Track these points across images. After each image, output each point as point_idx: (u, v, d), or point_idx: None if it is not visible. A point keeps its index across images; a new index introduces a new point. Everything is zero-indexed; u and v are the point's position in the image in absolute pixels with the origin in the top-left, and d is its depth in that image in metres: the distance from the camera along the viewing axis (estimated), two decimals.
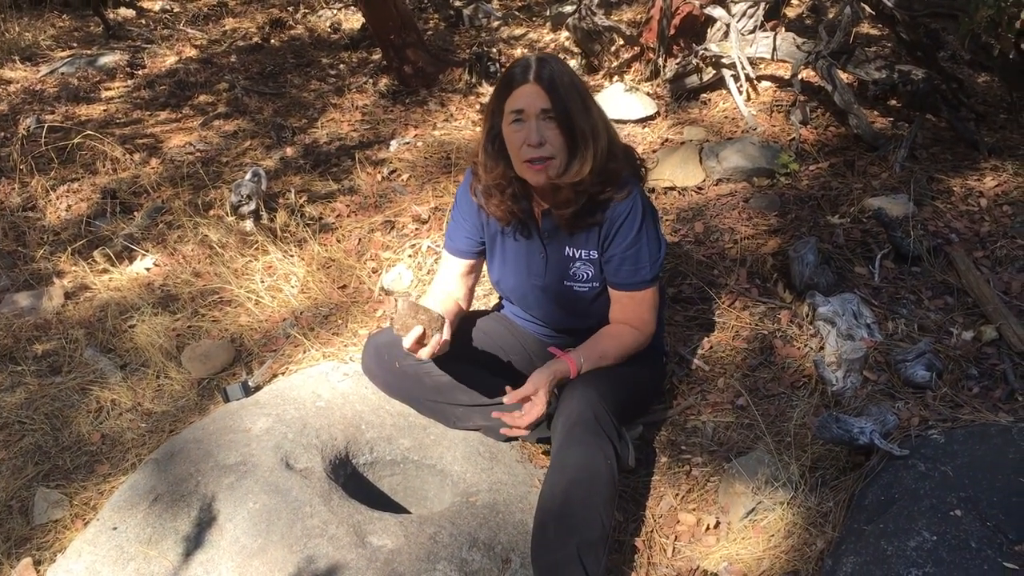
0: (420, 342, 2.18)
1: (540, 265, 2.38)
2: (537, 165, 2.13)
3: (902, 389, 2.47)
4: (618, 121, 4.49)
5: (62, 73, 5.93)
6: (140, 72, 5.99)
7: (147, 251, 3.74)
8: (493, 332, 2.59)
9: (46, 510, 2.52)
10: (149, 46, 6.44)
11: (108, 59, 6.09)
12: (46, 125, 4.80)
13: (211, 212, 3.95)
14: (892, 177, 3.55)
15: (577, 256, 2.33)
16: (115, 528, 2.18)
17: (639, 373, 2.45)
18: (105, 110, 5.36)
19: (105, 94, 5.65)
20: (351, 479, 2.39)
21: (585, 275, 2.34)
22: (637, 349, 2.37)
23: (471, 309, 2.64)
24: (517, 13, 6.55)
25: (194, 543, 2.10)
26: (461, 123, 4.81)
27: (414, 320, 2.15)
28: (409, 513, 2.36)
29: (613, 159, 2.21)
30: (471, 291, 2.58)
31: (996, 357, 2.58)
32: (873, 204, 3.31)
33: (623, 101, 4.54)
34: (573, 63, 5.38)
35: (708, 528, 2.32)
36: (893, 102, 4.13)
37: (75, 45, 6.64)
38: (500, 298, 2.70)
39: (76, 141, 4.52)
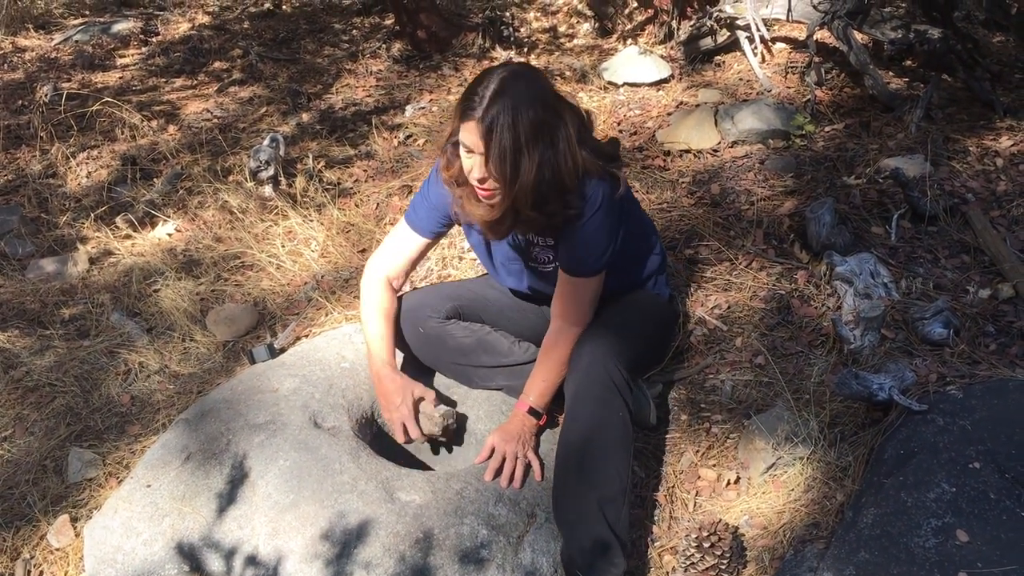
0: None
1: (516, 249, 2.41)
2: (482, 191, 2.13)
3: (920, 346, 2.50)
4: (632, 85, 4.49)
5: (76, 41, 5.93)
6: (154, 39, 5.99)
7: (168, 217, 3.78)
8: (506, 292, 2.62)
9: (80, 469, 2.58)
10: (161, 13, 6.43)
11: (121, 26, 6.09)
12: (64, 93, 4.82)
13: (230, 178, 3.99)
14: (908, 137, 3.56)
15: (536, 242, 2.34)
16: (149, 485, 2.23)
17: (645, 323, 2.47)
18: (121, 77, 5.38)
19: (120, 61, 5.66)
20: (377, 438, 2.44)
21: (546, 258, 2.36)
22: (571, 349, 2.30)
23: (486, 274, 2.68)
24: None
25: (227, 499, 2.15)
26: None
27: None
28: (434, 470, 2.41)
29: (550, 198, 2.13)
30: (411, 267, 2.53)
31: (1013, 314, 2.60)
32: (889, 164, 3.32)
33: (637, 64, 4.54)
34: (586, 26, 5.36)
35: (728, 483, 2.37)
36: (909, 62, 4.13)
37: (87, 13, 6.63)
38: None
39: (94, 108, 4.54)
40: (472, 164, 2.09)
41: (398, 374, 2.38)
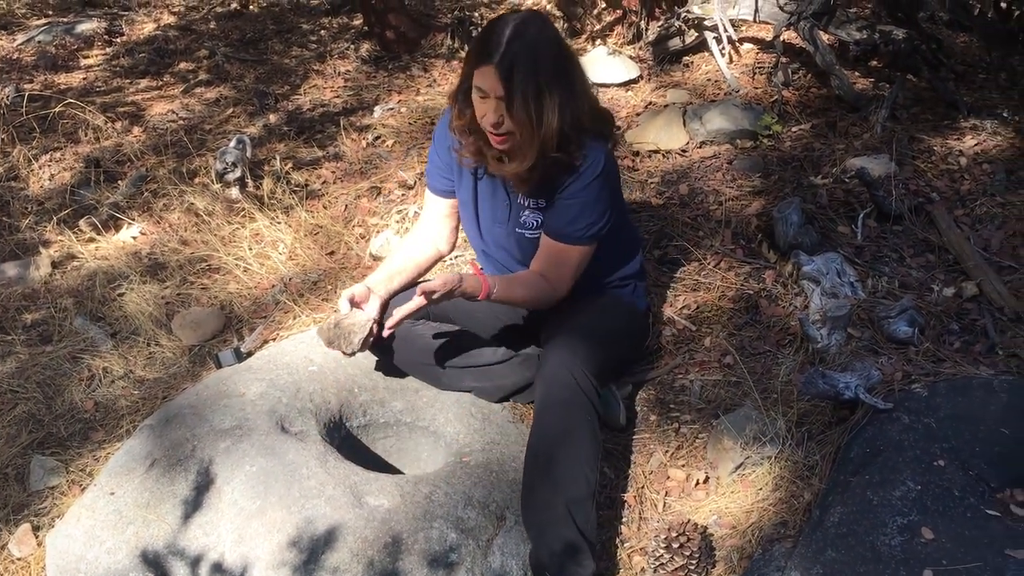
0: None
1: (504, 212, 2.41)
2: (496, 137, 2.17)
3: (885, 345, 2.52)
4: (601, 85, 4.49)
5: (39, 41, 5.85)
6: (119, 39, 5.91)
7: (133, 219, 3.74)
8: None
9: (42, 477, 2.54)
10: (126, 13, 6.35)
11: (85, 26, 6.00)
12: (26, 94, 4.75)
13: (196, 180, 3.94)
14: (873, 137, 3.59)
15: (527, 205, 2.36)
16: (112, 493, 2.20)
17: (617, 331, 2.48)
18: (85, 78, 5.31)
19: (84, 62, 5.58)
20: (345, 442, 2.42)
21: (533, 223, 2.37)
22: (545, 304, 2.38)
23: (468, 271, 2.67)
24: None
25: (192, 506, 2.12)
26: (444, 88, 4.79)
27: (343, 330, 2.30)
28: (403, 474, 2.40)
29: (572, 138, 2.20)
30: (453, 232, 2.62)
31: (976, 312, 2.63)
32: (855, 164, 3.34)
33: (606, 65, 4.53)
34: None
35: (697, 483, 2.38)
36: (874, 63, 4.15)
37: (51, 13, 6.54)
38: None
39: (57, 110, 4.48)
40: (487, 108, 2.13)
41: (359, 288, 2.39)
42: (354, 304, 2.33)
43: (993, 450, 2.00)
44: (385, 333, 2.33)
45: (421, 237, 2.60)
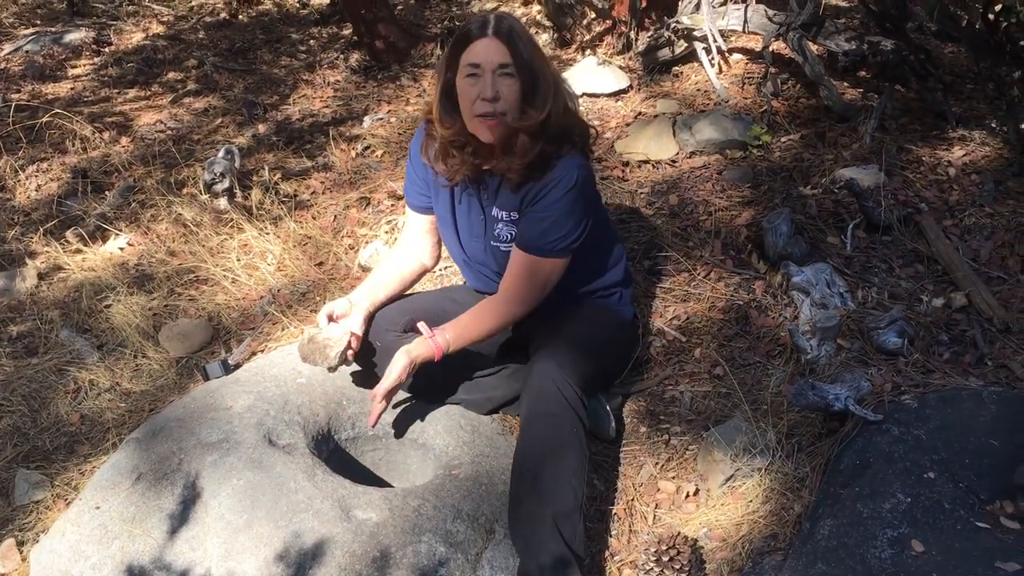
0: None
1: (479, 226, 2.40)
2: (489, 121, 2.15)
3: (875, 356, 2.52)
4: (591, 95, 4.49)
5: (26, 51, 5.82)
6: (107, 49, 5.90)
7: (120, 230, 3.72)
8: (466, 304, 2.60)
9: (27, 491, 2.52)
10: (115, 23, 6.34)
11: (73, 36, 5.98)
12: (12, 104, 4.72)
13: (184, 190, 3.93)
14: (862, 148, 3.59)
15: (500, 217, 2.35)
16: (98, 507, 2.18)
17: (603, 340, 2.47)
18: (72, 88, 5.29)
19: (72, 72, 5.56)
20: (334, 454, 2.41)
21: (507, 236, 2.36)
22: (513, 323, 2.37)
23: (453, 285, 2.66)
24: None
25: (179, 520, 2.11)
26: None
27: (317, 345, 2.32)
28: (392, 487, 2.38)
29: (568, 117, 2.25)
30: (436, 246, 2.63)
31: (966, 323, 2.63)
32: (844, 175, 3.34)
33: (596, 75, 4.54)
34: (545, 37, 5.37)
35: (688, 495, 2.37)
36: (863, 73, 4.17)
37: (39, 22, 6.52)
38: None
39: (44, 120, 4.46)
40: (481, 86, 2.13)
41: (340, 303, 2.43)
42: (332, 320, 2.33)
43: (983, 462, 1.99)
44: (369, 425, 2.34)
45: (405, 251, 2.60)
